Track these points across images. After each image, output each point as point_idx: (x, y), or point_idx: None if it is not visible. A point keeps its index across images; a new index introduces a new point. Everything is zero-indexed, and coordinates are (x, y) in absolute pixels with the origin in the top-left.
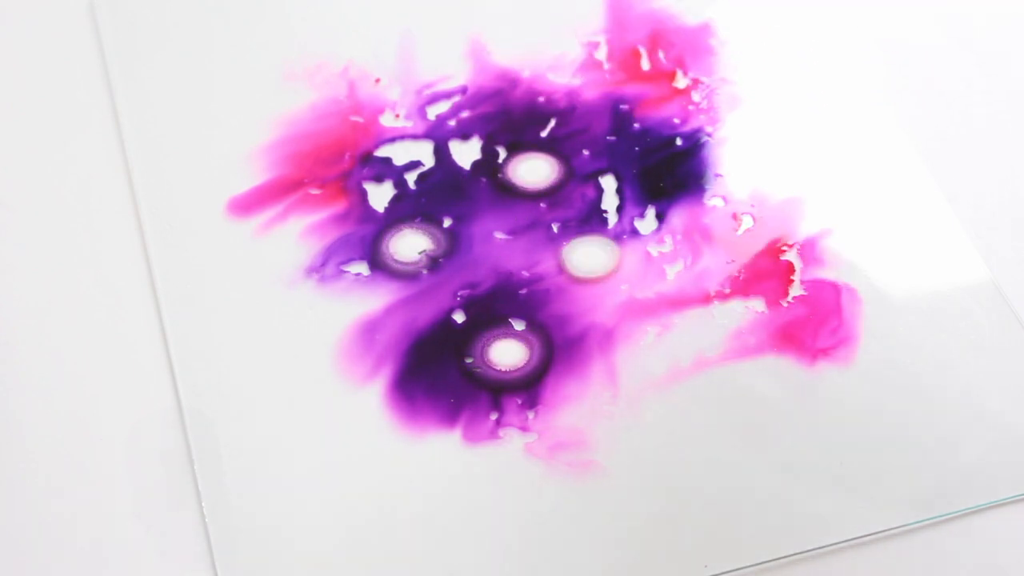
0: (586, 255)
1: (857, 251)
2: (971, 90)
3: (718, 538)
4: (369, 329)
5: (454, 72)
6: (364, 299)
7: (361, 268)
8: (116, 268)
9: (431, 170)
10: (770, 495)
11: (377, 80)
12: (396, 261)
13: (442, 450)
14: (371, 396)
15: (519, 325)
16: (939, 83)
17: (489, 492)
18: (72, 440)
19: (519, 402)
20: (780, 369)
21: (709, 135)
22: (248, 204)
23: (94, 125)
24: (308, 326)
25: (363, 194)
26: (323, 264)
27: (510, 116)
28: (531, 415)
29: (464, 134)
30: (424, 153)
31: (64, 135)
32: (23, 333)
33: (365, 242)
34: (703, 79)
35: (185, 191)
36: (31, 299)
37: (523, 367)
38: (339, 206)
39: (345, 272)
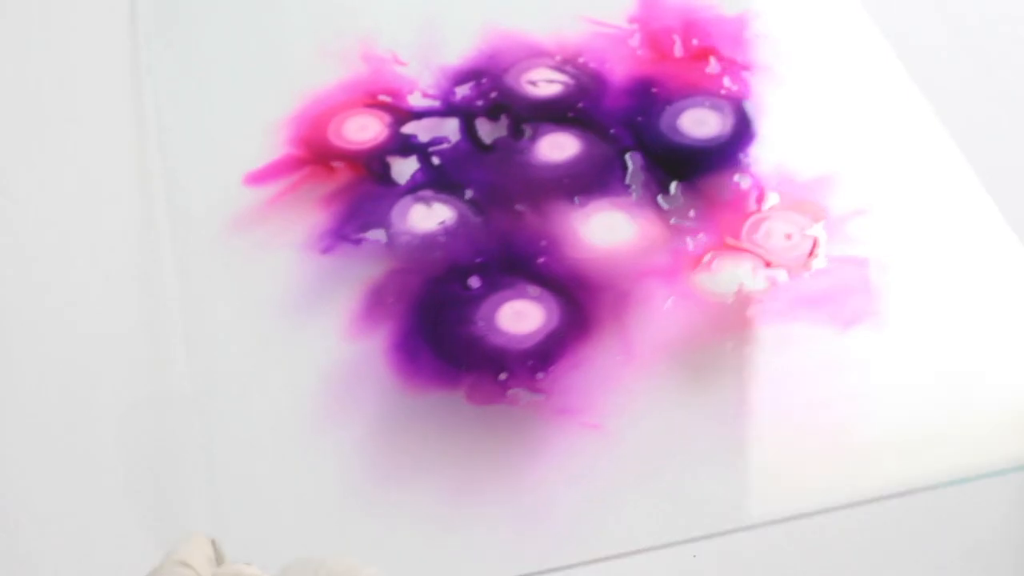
0: (607, 226)
1: (882, 226)
2: (1001, 68)
3: (720, 500)
4: (381, 291)
5: (481, 52)
6: (379, 264)
7: (378, 235)
8: (137, 249)
9: (456, 146)
10: (777, 459)
11: (405, 60)
12: (414, 230)
13: (447, 409)
14: (376, 353)
15: (534, 291)
16: (970, 64)
17: (495, 452)
18: (76, 429)
19: (529, 363)
20: (798, 338)
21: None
22: (268, 174)
23: (121, 97)
24: (323, 293)
25: (386, 167)
26: (341, 230)
27: (537, 97)
28: (541, 376)
29: (491, 113)
30: (449, 129)
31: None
32: (37, 313)
33: (385, 211)
34: (733, 63)
35: (207, 160)
36: (42, 278)
37: (537, 331)
38: (361, 177)
39: (362, 239)
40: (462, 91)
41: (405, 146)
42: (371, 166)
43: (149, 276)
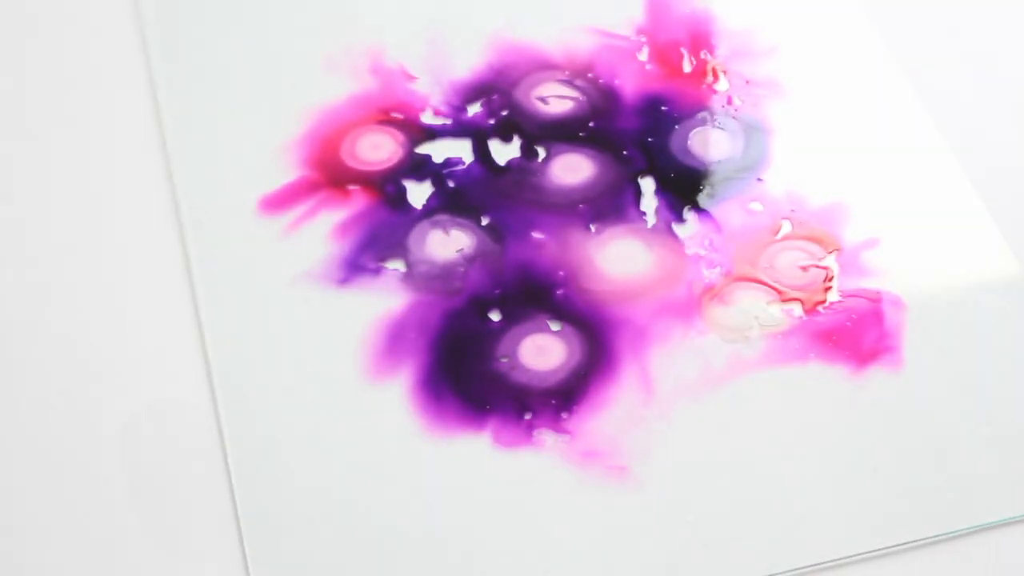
0: (623, 256)
1: (897, 258)
2: (1019, 98)
3: (747, 545)
4: (402, 326)
5: (491, 65)
6: (398, 295)
7: (397, 264)
8: (153, 258)
9: (469, 168)
10: (801, 504)
11: (414, 74)
12: (432, 258)
13: (472, 452)
14: (399, 394)
15: (555, 325)
16: (981, 91)
17: (521, 496)
18: (100, 430)
19: (553, 403)
20: (818, 375)
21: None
22: (283, 199)
23: (133, 112)
24: (342, 322)
25: (401, 191)
26: (359, 260)
27: (549, 115)
28: (565, 416)
29: (503, 132)
30: (463, 150)
31: (102, 113)
32: (61, 324)
33: (402, 239)
34: (744, 81)
35: (221, 184)
36: (67, 288)
37: (558, 368)
38: (377, 202)
39: (381, 268)
40: (473, 109)
41: (420, 168)
42: (386, 189)
43: (162, 303)
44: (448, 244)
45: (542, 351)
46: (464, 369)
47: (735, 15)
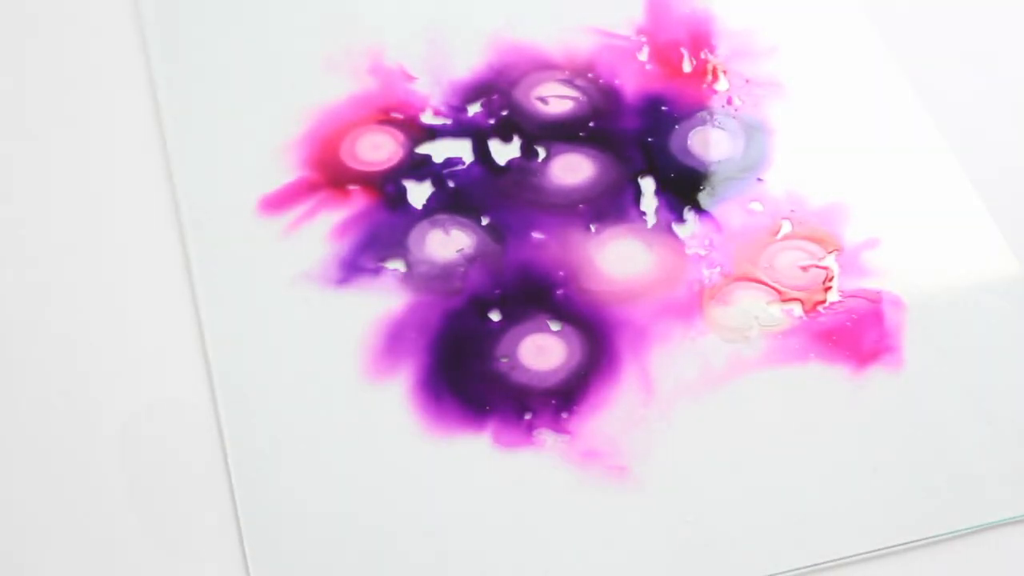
0: (623, 256)
1: (897, 258)
2: (1014, 97)
3: (748, 545)
4: (402, 326)
5: (491, 65)
6: (398, 296)
7: (397, 265)
8: (153, 258)
9: (469, 168)
10: (801, 504)
11: (414, 74)
12: (432, 258)
13: (472, 452)
14: (399, 394)
15: (555, 325)
16: (981, 91)
17: (521, 496)
18: (100, 430)
19: (553, 403)
20: (818, 375)
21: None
22: (283, 199)
23: (133, 112)
24: (341, 322)
25: (401, 191)
26: (359, 260)
27: (549, 115)
28: (565, 416)
29: (503, 132)
30: (463, 151)
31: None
32: (61, 324)
33: (402, 239)
34: (744, 81)
35: (221, 184)
36: (67, 288)
37: (558, 368)
38: (376, 202)
39: (381, 268)
40: (473, 109)
41: (420, 168)
42: (386, 189)
43: (162, 303)
44: (448, 244)
45: (542, 351)
46: (464, 369)
47: (735, 15)
